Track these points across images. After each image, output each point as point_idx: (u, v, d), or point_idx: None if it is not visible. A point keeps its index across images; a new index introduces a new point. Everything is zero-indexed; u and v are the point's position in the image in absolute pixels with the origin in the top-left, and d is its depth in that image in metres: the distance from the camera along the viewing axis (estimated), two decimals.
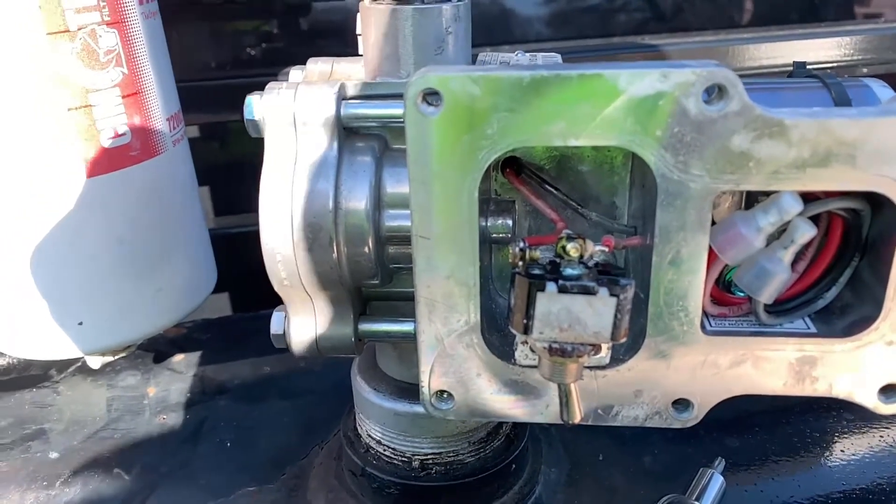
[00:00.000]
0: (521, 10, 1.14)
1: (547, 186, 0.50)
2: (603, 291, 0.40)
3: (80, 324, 0.65)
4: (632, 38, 1.18)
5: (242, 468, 0.70)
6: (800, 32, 1.22)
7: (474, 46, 0.55)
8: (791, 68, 0.59)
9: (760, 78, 1.11)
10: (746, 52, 1.17)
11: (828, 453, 0.70)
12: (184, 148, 0.71)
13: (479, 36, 1.11)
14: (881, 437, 0.71)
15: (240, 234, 1.04)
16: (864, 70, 1.26)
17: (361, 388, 0.61)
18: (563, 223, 0.48)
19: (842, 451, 0.70)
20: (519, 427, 0.64)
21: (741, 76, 0.41)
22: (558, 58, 0.54)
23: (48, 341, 0.67)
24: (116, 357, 0.76)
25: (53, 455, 0.72)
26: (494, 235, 0.50)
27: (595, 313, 0.40)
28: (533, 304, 0.40)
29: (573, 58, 1.13)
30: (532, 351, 0.45)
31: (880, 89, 0.52)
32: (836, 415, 0.73)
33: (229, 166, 1.16)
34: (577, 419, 0.45)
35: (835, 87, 0.52)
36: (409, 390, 0.59)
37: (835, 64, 1.22)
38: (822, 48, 1.21)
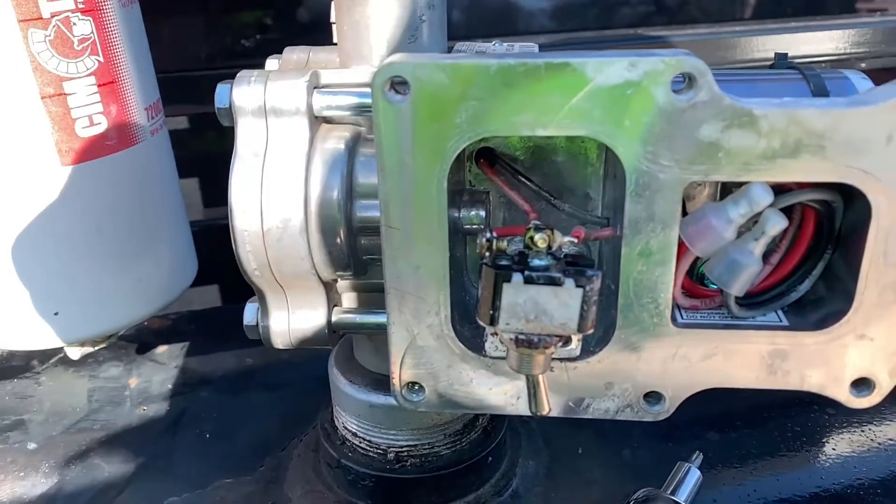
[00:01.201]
0: (524, 2, 1.14)
1: (520, 178, 0.50)
2: (569, 282, 0.39)
3: (56, 314, 0.65)
4: (635, 30, 1.18)
5: (221, 459, 0.70)
6: (802, 25, 1.22)
7: (478, 38, 0.55)
8: (804, 63, 0.58)
9: (749, 69, 1.11)
10: (750, 43, 1.17)
11: (808, 449, 0.69)
12: (163, 138, 0.71)
13: (482, 28, 1.11)
14: (863, 432, 0.71)
15: (228, 226, 1.04)
16: (862, 65, 1.25)
17: (337, 380, 0.61)
18: (536, 214, 0.48)
19: (823, 447, 0.70)
20: (497, 420, 0.64)
21: (742, 68, 0.40)
22: (535, 48, 0.54)
23: (26, 331, 0.66)
24: (97, 347, 0.76)
25: (31, 446, 0.72)
26: (468, 227, 0.49)
27: (561, 304, 0.40)
28: (499, 294, 0.40)
29: (575, 50, 1.13)
30: (501, 342, 0.45)
31: (859, 81, 0.52)
32: (817, 409, 0.73)
33: (218, 157, 1.16)
34: (546, 411, 0.44)
35: (813, 78, 0.52)
36: (385, 382, 0.58)
37: (835, 57, 1.22)
38: (824, 41, 1.21)
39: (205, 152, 1.15)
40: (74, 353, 0.74)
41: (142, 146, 0.66)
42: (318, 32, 1.10)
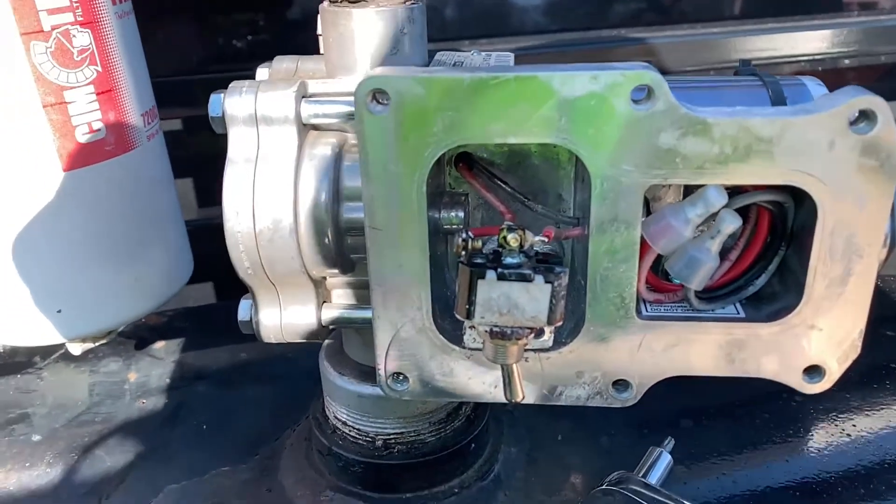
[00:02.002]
0: (517, 2, 1.16)
1: (497, 181, 0.53)
2: (539, 279, 0.43)
3: (59, 311, 0.68)
4: (628, 31, 1.20)
5: (218, 449, 0.73)
6: (791, 25, 1.24)
7: (471, 38, 0.56)
8: (789, 62, 0.61)
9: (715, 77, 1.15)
10: (740, 43, 1.19)
11: (777, 435, 0.72)
12: (159, 142, 0.74)
13: (475, 28, 1.13)
14: (835, 423, 0.74)
15: (222, 225, 1.07)
16: (847, 62, 1.28)
17: (328, 372, 0.64)
18: (511, 215, 0.51)
19: (791, 433, 0.73)
20: (480, 408, 0.67)
21: (726, 68, 0.43)
22: (511, 58, 0.57)
23: (29, 328, 0.69)
24: (97, 343, 0.78)
25: (36, 438, 0.75)
26: (447, 227, 0.52)
27: (532, 299, 0.43)
28: (474, 290, 0.43)
29: (567, 50, 1.15)
30: (479, 335, 0.48)
31: (815, 87, 0.55)
32: (786, 396, 0.77)
33: (212, 158, 1.18)
34: (520, 398, 0.48)
35: (772, 85, 0.55)
36: (373, 374, 0.61)
37: (822, 57, 1.24)
38: (811, 40, 1.23)
39: (198, 154, 1.17)
40: (76, 348, 0.77)
41: (139, 151, 0.69)
42: (307, 33, 1.12)
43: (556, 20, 1.18)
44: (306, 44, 0.61)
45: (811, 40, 1.23)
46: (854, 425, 0.73)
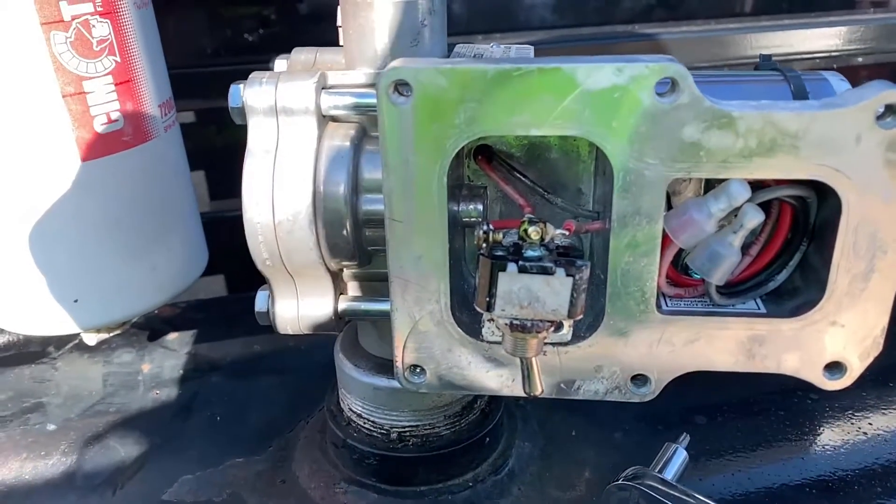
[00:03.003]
0: None
1: (516, 173, 0.53)
2: (560, 272, 0.42)
3: (76, 301, 0.68)
4: (633, 27, 1.20)
5: (232, 441, 0.73)
6: (800, 22, 1.23)
7: (479, 33, 0.56)
8: (803, 59, 0.61)
9: (746, 68, 1.14)
10: (748, 40, 1.19)
11: (792, 432, 0.72)
12: (175, 133, 0.74)
13: (483, 23, 1.13)
14: (844, 416, 0.74)
15: (236, 218, 1.07)
16: (859, 59, 1.27)
17: (343, 365, 0.64)
18: (531, 208, 0.51)
19: (806, 430, 0.73)
20: (494, 402, 0.67)
21: (737, 65, 0.43)
22: (531, 51, 0.57)
23: (46, 318, 0.70)
24: (112, 334, 0.79)
25: (51, 427, 0.76)
26: (466, 219, 0.52)
27: (553, 292, 0.43)
28: (495, 283, 0.43)
29: (574, 45, 1.15)
30: (497, 328, 0.48)
31: (837, 83, 0.55)
32: (801, 394, 0.76)
33: (225, 151, 1.18)
34: (538, 391, 0.48)
35: (794, 80, 0.55)
36: (388, 366, 0.61)
37: (833, 54, 1.23)
38: (822, 37, 1.22)
39: (211, 146, 1.17)
40: (91, 339, 0.77)
41: (156, 141, 0.69)
42: (318, 25, 1.12)
43: (565, 16, 1.17)
44: (318, 37, 0.61)
45: (824, 37, 1.23)
46: (870, 423, 0.72)
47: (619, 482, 0.58)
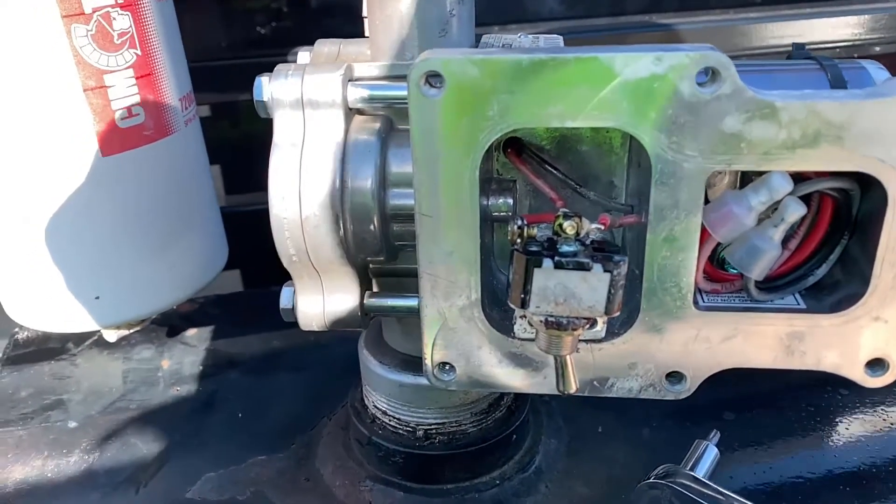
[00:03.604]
0: None
1: (547, 166, 0.52)
2: (597, 267, 0.41)
3: (97, 298, 0.68)
4: (648, 17, 1.18)
5: (253, 438, 0.73)
6: (817, 11, 1.21)
7: (486, 25, 0.55)
8: (821, 48, 0.59)
9: (764, 59, 1.12)
10: (765, 30, 1.17)
11: (822, 428, 0.71)
12: (195, 127, 0.73)
13: (491, 14, 1.12)
14: (875, 412, 0.73)
15: (251, 212, 1.06)
16: (877, 49, 1.25)
17: (368, 361, 0.63)
18: (563, 202, 0.49)
19: (836, 426, 0.72)
20: (520, 399, 0.66)
21: (752, 56, 0.42)
22: (560, 41, 0.55)
23: (67, 315, 0.69)
24: (132, 331, 0.78)
25: (72, 424, 0.75)
26: (496, 214, 0.51)
27: (590, 288, 0.42)
28: (530, 279, 0.42)
29: (585, 37, 1.13)
30: (530, 325, 0.47)
31: (876, 71, 0.53)
32: (830, 389, 0.75)
33: (241, 145, 1.18)
34: (573, 389, 0.47)
35: (831, 68, 0.53)
36: (414, 363, 0.61)
37: (851, 43, 1.21)
38: (839, 27, 1.20)
39: (227, 141, 1.17)
40: (111, 335, 0.77)
41: (177, 136, 0.68)
42: (330, 19, 1.11)
43: (576, 7, 1.16)
44: (330, 30, 0.60)
45: (841, 26, 1.21)
46: None
47: (651, 480, 0.57)
